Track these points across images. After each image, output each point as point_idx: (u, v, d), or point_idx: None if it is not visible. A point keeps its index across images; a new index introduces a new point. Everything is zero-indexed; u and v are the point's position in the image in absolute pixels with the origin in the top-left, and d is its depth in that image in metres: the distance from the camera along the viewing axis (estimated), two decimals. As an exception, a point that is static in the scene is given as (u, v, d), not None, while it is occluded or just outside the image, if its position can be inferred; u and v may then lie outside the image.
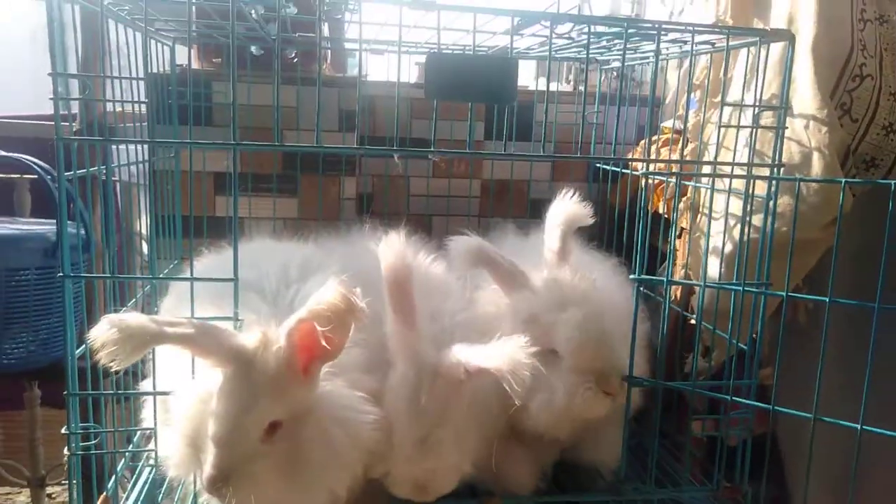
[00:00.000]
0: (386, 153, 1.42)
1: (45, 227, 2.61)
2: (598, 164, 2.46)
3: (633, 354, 1.53)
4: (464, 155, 1.41)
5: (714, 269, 1.86)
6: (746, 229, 1.61)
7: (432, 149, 1.35)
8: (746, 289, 1.54)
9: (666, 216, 2.10)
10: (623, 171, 2.29)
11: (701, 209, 1.95)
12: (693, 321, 1.85)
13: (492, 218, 2.54)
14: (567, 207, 1.64)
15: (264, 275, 1.58)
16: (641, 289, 1.56)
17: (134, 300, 1.81)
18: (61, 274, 1.32)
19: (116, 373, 1.85)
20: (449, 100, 1.38)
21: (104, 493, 1.56)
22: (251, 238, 1.87)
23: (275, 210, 2.39)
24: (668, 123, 2.41)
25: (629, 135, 2.52)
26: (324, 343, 1.17)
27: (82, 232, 3.11)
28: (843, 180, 1.40)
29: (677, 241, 2.06)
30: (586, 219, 1.65)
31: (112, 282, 1.50)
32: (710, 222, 1.78)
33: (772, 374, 1.64)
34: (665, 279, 1.60)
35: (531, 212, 2.62)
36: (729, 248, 1.82)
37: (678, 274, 2.00)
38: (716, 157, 1.61)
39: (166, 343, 1.18)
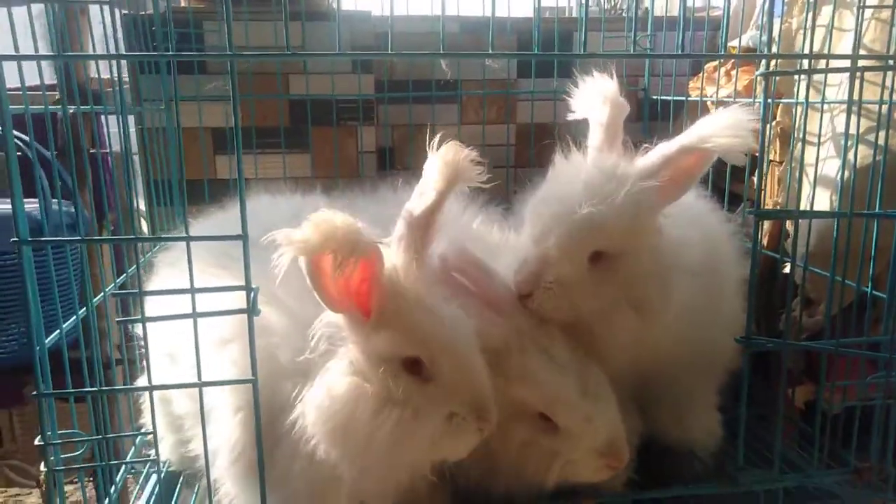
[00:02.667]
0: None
1: (29, 205, 2.30)
2: (654, 97, 2.12)
3: (751, 309, 1.22)
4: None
5: (821, 202, 1.53)
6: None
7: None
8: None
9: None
10: (687, 97, 1.95)
11: (797, 133, 1.61)
12: (787, 269, 1.54)
13: (532, 168, 2.20)
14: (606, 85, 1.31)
15: (272, 228, 1.30)
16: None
17: (124, 275, 1.51)
18: (15, 239, 1.01)
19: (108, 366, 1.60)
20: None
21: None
22: (258, 196, 1.57)
23: (285, 168, 2.07)
24: (732, 43, 2.06)
25: (681, 65, 2.16)
26: None
27: (72, 209, 2.86)
28: None
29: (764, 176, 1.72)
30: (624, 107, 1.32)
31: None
32: (818, 145, 1.44)
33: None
34: (795, 210, 1.26)
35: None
36: (838, 172, 1.49)
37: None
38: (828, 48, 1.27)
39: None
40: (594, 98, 1.31)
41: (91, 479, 1.22)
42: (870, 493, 1.31)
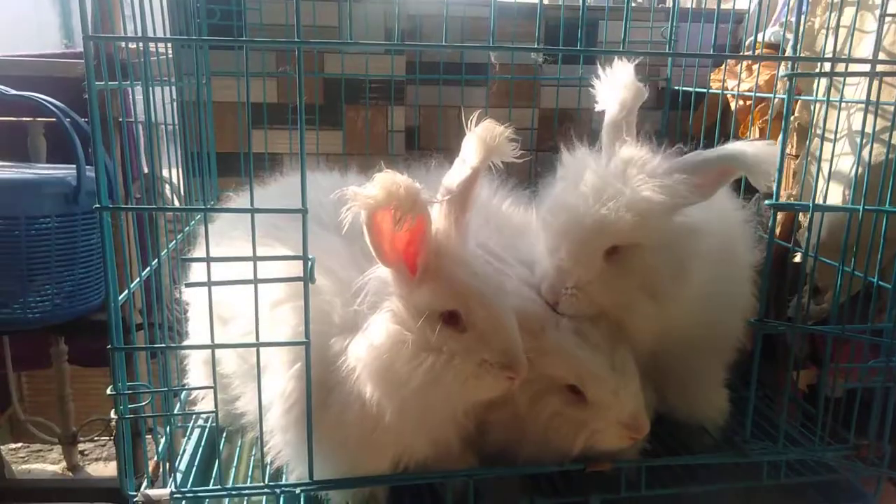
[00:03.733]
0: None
1: (64, 171, 2.38)
2: (676, 87, 2.19)
3: (764, 294, 1.30)
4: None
5: (834, 196, 1.62)
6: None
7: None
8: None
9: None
10: (708, 90, 2.02)
11: (814, 129, 1.69)
12: (798, 259, 1.62)
13: (551, 152, 2.28)
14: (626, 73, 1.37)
15: (317, 203, 1.38)
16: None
17: (174, 242, 1.59)
18: (98, 206, 1.09)
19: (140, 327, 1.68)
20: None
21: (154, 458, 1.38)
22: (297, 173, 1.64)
23: (318, 144, 2.15)
24: (757, 38, 2.13)
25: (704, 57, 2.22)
26: None
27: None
28: None
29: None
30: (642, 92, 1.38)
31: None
32: (835, 138, 1.52)
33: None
34: (810, 204, 1.34)
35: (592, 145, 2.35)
36: (852, 168, 1.57)
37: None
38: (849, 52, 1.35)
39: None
40: (611, 87, 1.38)
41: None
42: (866, 469, 1.42)
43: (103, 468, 3.70)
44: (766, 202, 1.29)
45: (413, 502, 1.37)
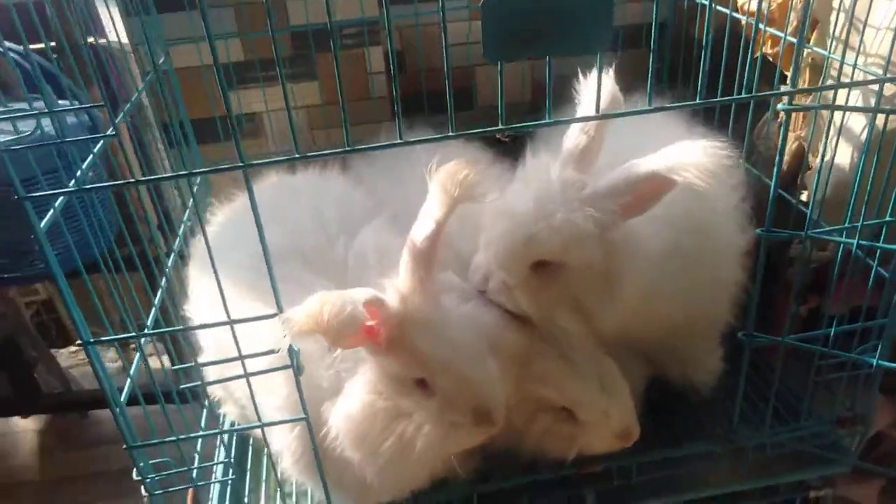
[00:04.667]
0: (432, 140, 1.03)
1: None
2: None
3: (754, 306, 1.29)
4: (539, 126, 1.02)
5: (842, 155, 1.51)
6: None
7: (501, 125, 0.99)
8: None
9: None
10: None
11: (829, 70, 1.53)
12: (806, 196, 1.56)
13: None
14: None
15: (297, 231, 1.34)
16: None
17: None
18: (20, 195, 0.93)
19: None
20: (518, 58, 0.98)
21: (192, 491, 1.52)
22: (262, 176, 1.55)
23: (294, 98, 2.02)
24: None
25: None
26: None
27: (84, 118, 2.81)
28: None
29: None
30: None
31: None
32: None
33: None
34: (803, 233, 1.26)
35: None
36: (863, 130, 1.45)
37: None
38: None
39: None
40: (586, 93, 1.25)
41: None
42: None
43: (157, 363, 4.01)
44: (757, 231, 1.22)
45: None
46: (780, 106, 1.17)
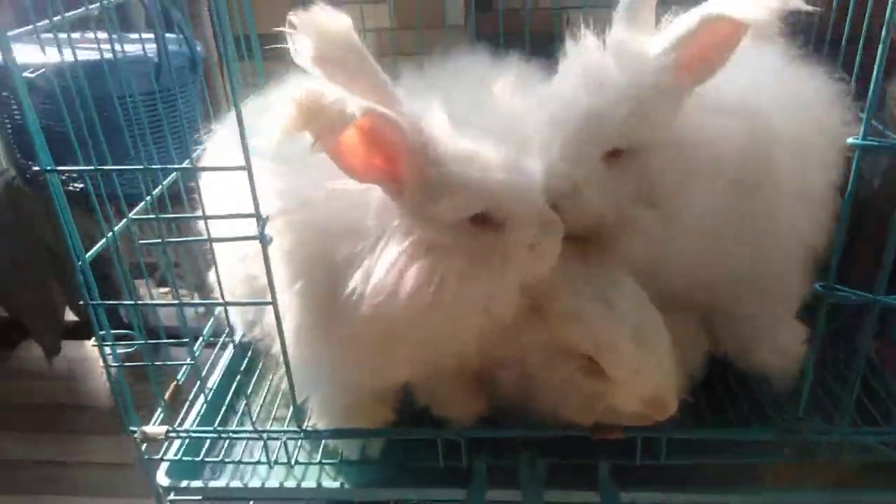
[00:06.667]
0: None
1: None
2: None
3: (839, 247, 1.01)
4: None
5: None
6: None
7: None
8: None
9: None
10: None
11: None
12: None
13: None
14: None
15: None
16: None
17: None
18: (44, 167, 0.99)
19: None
20: None
21: (175, 382, 1.43)
22: None
23: (363, 19, 1.91)
24: None
25: None
26: None
27: (184, 48, 2.88)
28: None
29: None
30: None
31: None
32: None
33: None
34: None
35: None
36: None
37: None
38: None
39: None
40: None
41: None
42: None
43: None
44: (849, 140, 0.94)
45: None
46: (848, 141, 0.94)
